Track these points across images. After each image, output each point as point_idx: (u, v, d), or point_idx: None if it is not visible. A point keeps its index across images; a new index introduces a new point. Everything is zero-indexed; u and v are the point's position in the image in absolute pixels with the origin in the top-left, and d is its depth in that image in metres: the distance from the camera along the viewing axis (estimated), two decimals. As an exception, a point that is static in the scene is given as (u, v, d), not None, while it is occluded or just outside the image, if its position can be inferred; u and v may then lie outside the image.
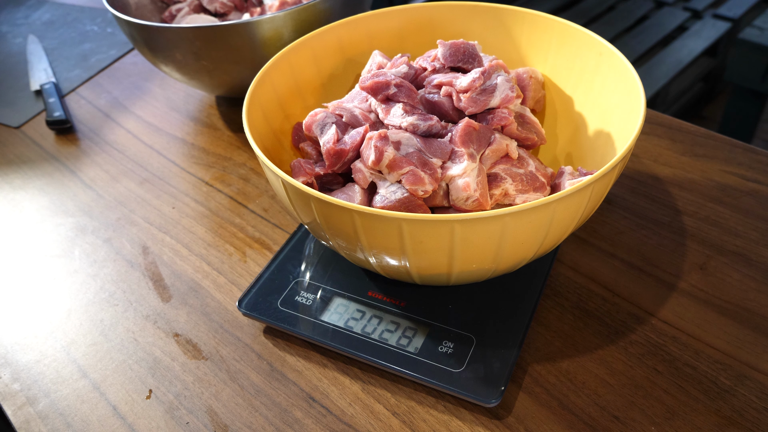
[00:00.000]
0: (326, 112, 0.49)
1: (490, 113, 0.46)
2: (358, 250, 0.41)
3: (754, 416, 0.41)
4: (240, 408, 0.44)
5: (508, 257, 0.40)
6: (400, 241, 0.37)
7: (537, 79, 0.54)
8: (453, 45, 0.48)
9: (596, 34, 0.50)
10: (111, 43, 0.95)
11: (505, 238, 0.37)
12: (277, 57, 0.52)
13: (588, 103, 0.52)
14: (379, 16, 0.58)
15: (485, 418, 0.42)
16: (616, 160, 0.38)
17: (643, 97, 0.43)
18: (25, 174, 0.70)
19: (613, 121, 0.48)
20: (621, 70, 0.47)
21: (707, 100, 2.02)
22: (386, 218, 0.36)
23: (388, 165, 0.43)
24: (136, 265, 0.57)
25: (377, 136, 0.43)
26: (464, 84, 0.45)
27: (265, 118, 0.50)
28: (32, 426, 0.45)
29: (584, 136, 0.52)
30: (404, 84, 0.47)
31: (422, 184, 0.42)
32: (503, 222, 0.36)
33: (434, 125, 0.45)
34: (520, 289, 0.48)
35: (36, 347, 0.51)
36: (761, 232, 0.53)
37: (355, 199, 0.45)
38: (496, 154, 0.45)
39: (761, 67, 1.51)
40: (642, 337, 0.46)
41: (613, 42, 1.83)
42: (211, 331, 0.50)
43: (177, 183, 0.66)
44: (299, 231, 0.56)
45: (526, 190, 0.45)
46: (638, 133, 0.40)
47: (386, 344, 0.45)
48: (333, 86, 0.59)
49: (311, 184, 0.48)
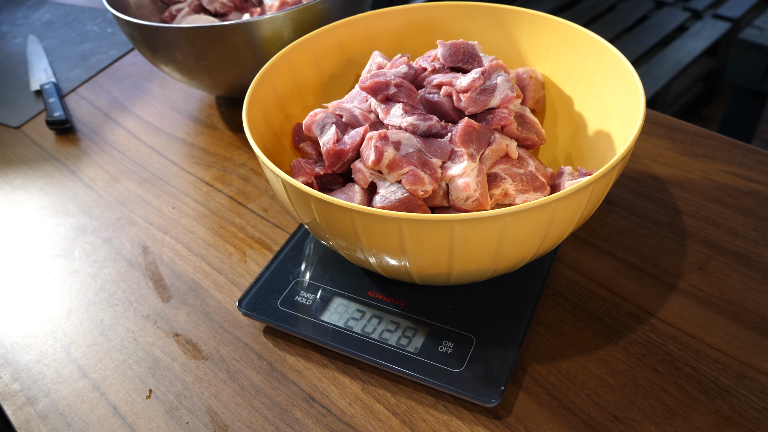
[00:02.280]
0: (326, 112, 0.49)
1: (490, 113, 0.46)
2: (358, 250, 0.41)
3: (754, 416, 0.41)
4: (240, 408, 0.44)
5: (508, 257, 0.40)
6: (400, 241, 0.37)
7: (537, 80, 0.54)
8: (453, 45, 0.48)
9: (596, 35, 0.50)
10: (111, 43, 0.95)
11: (505, 237, 0.37)
12: (277, 57, 0.52)
13: (588, 103, 0.52)
14: (379, 16, 0.58)
15: (485, 418, 0.42)
16: (615, 160, 0.38)
17: (643, 98, 0.43)
18: (25, 174, 0.70)
19: (613, 121, 0.48)
20: (621, 70, 0.47)
21: (707, 100, 2.02)
22: (386, 218, 0.36)
23: (387, 165, 0.43)
24: (136, 265, 0.57)
25: (377, 136, 0.43)
26: (464, 84, 0.45)
27: (265, 118, 0.50)
28: (32, 426, 0.45)
29: (584, 136, 0.52)
30: (404, 84, 0.47)
31: (422, 184, 0.42)
32: (503, 222, 0.36)
33: (434, 125, 0.45)
34: (520, 289, 0.48)
35: (36, 347, 0.51)
36: (761, 232, 0.53)
37: (355, 199, 0.45)
38: (496, 154, 0.45)
39: (761, 67, 1.51)
40: (642, 337, 0.46)
41: (613, 42, 1.83)
42: (211, 331, 0.50)
43: (177, 183, 0.66)
44: (299, 231, 0.56)
45: (526, 190, 0.45)
46: (638, 134, 0.40)
47: (386, 344, 0.45)
48: (333, 86, 0.59)
49: (311, 184, 0.48)
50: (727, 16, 1.90)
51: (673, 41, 1.84)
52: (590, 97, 0.51)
